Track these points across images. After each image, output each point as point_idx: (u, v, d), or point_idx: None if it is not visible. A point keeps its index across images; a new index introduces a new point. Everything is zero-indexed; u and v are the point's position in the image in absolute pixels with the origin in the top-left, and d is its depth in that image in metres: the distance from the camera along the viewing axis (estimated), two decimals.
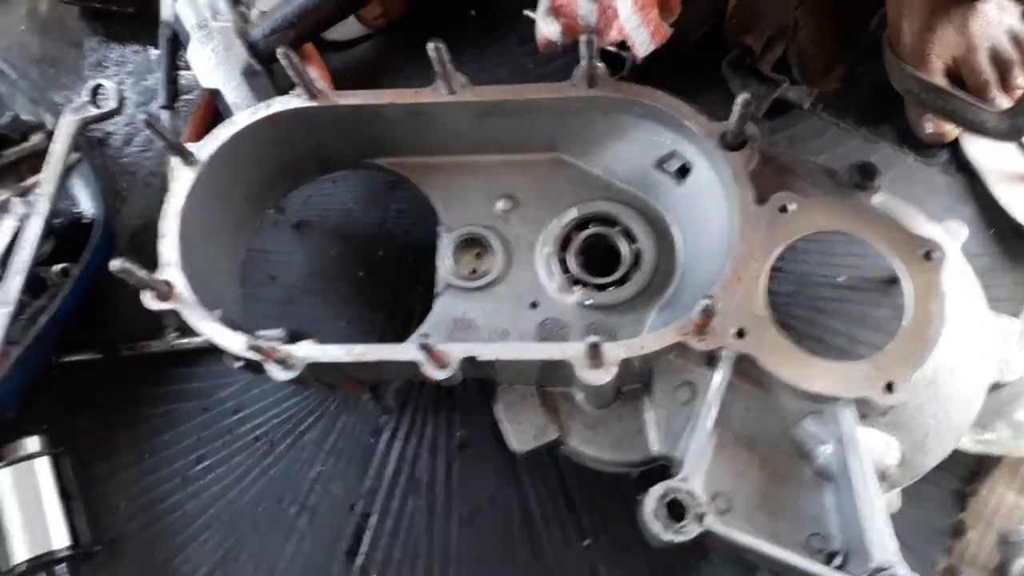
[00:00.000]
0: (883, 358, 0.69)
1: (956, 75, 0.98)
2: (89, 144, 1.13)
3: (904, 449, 0.72)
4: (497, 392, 0.82)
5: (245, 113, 0.87)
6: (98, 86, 1.05)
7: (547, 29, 1.02)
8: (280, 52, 0.80)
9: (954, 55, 0.97)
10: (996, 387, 0.78)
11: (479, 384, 0.95)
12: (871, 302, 0.92)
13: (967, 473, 0.86)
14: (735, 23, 1.03)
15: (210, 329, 0.78)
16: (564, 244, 0.89)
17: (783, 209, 0.74)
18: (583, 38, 0.77)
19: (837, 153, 1.02)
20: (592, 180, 0.90)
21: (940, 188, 1.00)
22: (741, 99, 0.72)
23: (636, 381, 0.79)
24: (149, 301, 0.79)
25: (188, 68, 1.11)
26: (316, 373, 0.77)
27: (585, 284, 0.86)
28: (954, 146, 1.02)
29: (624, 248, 0.87)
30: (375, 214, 1.07)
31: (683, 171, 0.84)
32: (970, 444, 0.82)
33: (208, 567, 0.93)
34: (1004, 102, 0.97)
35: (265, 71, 1.05)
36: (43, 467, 0.93)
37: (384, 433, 0.97)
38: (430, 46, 0.79)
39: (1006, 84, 0.98)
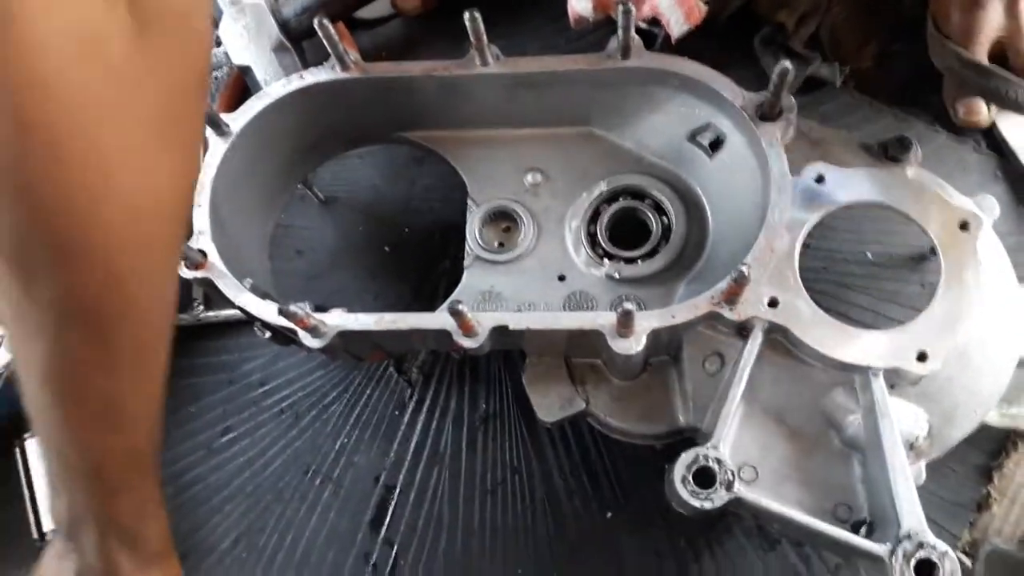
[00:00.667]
0: (916, 327, 0.69)
1: (1000, 55, 0.97)
2: None
3: (933, 421, 0.71)
4: (525, 364, 0.82)
5: (278, 84, 0.88)
6: None
7: (579, 5, 1.02)
8: (317, 22, 0.80)
9: (1000, 34, 0.96)
10: None
11: (503, 357, 0.97)
12: (899, 279, 0.92)
13: (993, 448, 0.85)
14: None
15: (242, 297, 0.79)
16: (593, 218, 0.89)
17: (819, 180, 0.74)
18: (620, 7, 0.77)
19: (869, 131, 1.01)
20: (623, 154, 0.90)
21: (972, 166, 0.99)
22: (779, 68, 0.71)
23: (664, 352, 0.79)
24: (182, 269, 0.80)
25: (218, 45, 1.12)
26: (346, 342, 0.78)
27: (613, 257, 0.86)
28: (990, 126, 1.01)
29: (653, 221, 0.87)
30: (401, 190, 1.08)
31: (716, 144, 0.84)
32: (996, 418, 0.82)
33: (233, 538, 0.94)
34: None
35: (295, 49, 1.06)
36: None
37: (409, 406, 0.97)
38: (466, 15, 0.79)
39: None
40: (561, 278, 0.87)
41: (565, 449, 0.92)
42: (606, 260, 0.86)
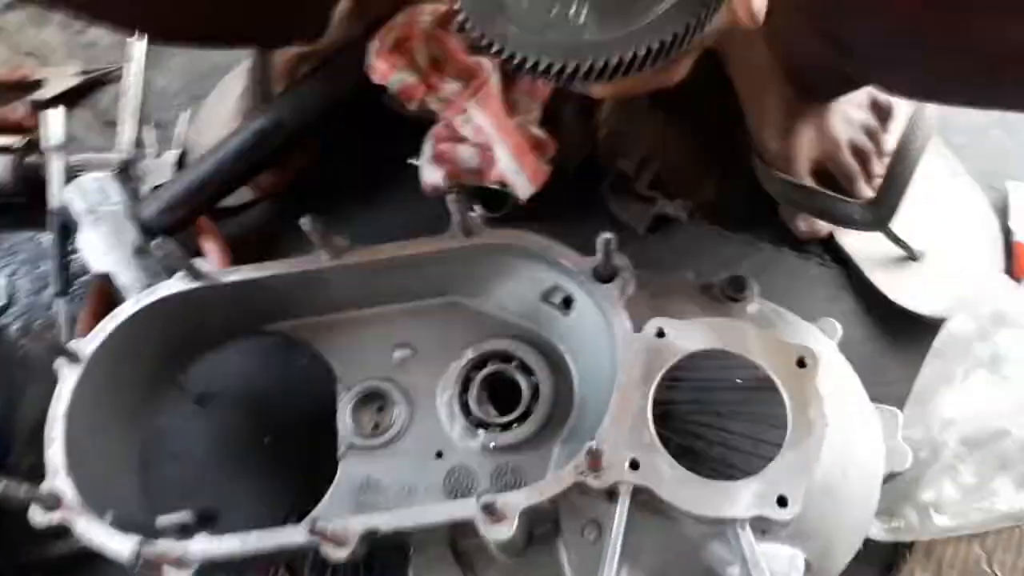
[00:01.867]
0: (772, 473, 0.69)
1: (824, 172, 1.04)
2: None
3: (810, 558, 0.71)
4: (410, 556, 0.80)
5: (128, 303, 0.86)
6: None
7: (432, 176, 1.06)
8: (153, 244, 0.81)
9: (818, 154, 1.03)
10: (892, 477, 0.79)
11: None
12: (769, 400, 0.93)
13: (884, 562, 0.86)
14: (607, 149, 1.09)
15: (100, 537, 0.74)
16: (464, 386, 0.89)
17: (660, 334, 0.76)
18: (449, 197, 0.80)
19: (719, 258, 1.05)
20: (486, 319, 0.91)
21: (820, 281, 1.04)
22: (602, 239, 0.75)
23: (547, 522, 0.78)
24: (36, 516, 0.76)
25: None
26: (216, 567, 0.74)
27: (488, 425, 0.86)
28: (830, 239, 1.06)
29: (523, 383, 0.87)
30: (277, 375, 1.06)
31: (568, 302, 0.86)
32: (882, 534, 0.83)
33: None
34: (869, 192, 1.03)
35: None
36: None
37: None
38: (302, 221, 0.80)
39: (868, 175, 1.04)
40: (439, 455, 0.86)
41: None
42: (481, 430, 0.86)
